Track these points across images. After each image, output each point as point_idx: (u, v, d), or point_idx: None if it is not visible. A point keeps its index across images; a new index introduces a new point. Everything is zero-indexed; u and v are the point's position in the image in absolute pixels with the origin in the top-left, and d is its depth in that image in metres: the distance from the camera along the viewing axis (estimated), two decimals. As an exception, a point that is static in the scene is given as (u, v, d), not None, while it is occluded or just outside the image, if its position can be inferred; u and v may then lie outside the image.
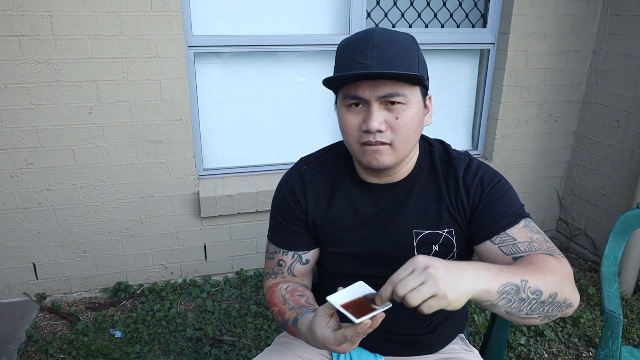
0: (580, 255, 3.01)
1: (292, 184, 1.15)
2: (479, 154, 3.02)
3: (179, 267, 2.65)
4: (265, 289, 1.20)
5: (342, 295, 0.87)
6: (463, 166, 1.08)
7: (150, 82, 2.28)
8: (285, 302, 1.10)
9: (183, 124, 2.39)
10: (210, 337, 2.27)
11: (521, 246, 1.00)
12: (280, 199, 1.16)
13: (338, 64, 1.01)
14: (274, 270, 1.18)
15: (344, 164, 1.14)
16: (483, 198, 1.04)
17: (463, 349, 1.24)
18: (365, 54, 0.95)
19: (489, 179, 1.06)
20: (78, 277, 2.52)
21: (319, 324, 0.90)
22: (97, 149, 2.31)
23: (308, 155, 1.20)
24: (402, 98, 0.96)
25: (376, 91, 0.95)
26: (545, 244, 1.00)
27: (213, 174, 2.62)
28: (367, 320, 0.81)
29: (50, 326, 2.36)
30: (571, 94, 2.92)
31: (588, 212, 2.97)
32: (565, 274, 0.91)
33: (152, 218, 2.50)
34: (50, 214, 2.36)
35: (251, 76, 2.56)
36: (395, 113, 0.97)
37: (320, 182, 1.14)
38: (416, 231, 1.08)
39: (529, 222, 1.04)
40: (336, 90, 1.04)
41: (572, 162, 3.06)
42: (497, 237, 1.02)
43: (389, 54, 0.95)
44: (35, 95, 2.16)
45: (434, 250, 1.07)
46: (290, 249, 1.16)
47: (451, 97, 2.93)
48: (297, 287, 1.15)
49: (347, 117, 1.00)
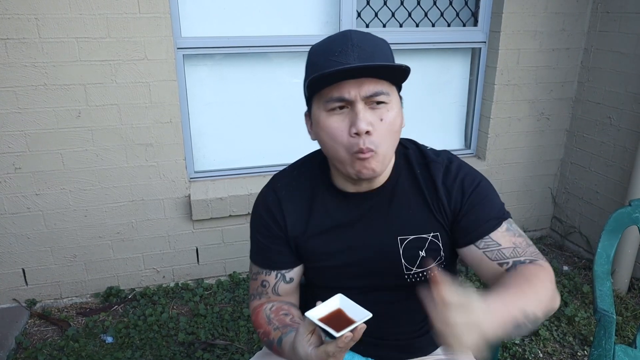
0: (575, 253, 3.00)
1: (268, 203, 1.11)
2: (472, 153, 3.01)
3: (171, 270, 2.62)
4: (251, 310, 1.17)
5: (321, 309, 0.86)
6: (442, 170, 1.05)
7: (139, 85, 2.26)
8: (270, 323, 1.06)
9: (173, 127, 2.37)
10: (202, 341, 2.25)
11: (506, 252, 0.99)
12: (258, 218, 1.12)
13: (314, 68, 0.95)
14: (258, 291, 1.15)
15: (320, 175, 1.11)
16: (465, 203, 1.03)
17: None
18: (345, 53, 0.91)
19: (470, 182, 1.04)
20: (69, 283, 2.49)
21: (300, 342, 0.88)
22: (86, 152, 2.29)
23: (281, 172, 1.16)
24: (385, 97, 0.94)
25: (361, 90, 0.92)
26: (529, 249, 1.00)
27: (204, 176, 2.60)
28: (347, 333, 0.80)
29: (41, 332, 2.33)
30: (563, 92, 2.91)
31: (582, 209, 2.96)
32: (553, 283, 0.93)
33: (142, 222, 2.48)
34: (39, 219, 2.33)
35: (242, 78, 2.55)
36: (379, 114, 0.94)
37: (296, 198, 1.10)
38: (400, 237, 1.05)
39: (511, 224, 1.03)
40: (311, 95, 0.98)
41: (565, 160, 3.06)
42: (481, 241, 1.01)
43: (369, 52, 0.93)
44: (23, 99, 2.13)
45: (420, 256, 1.05)
46: (273, 269, 1.12)
47: (443, 96, 2.92)
48: (282, 305, 1.11)
49: (331, 123, 0.95)
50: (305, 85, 0.98)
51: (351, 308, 0.86)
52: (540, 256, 1.00)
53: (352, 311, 0.85)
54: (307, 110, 1.04)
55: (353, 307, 0.86)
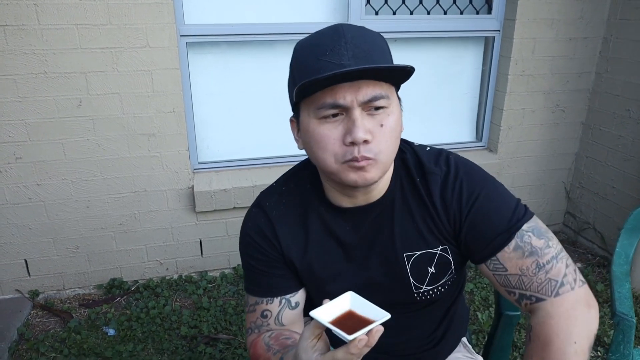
0: (589, 250, 2.92)
1: (260, 225, 0.99)
2: (483, 146, 2.92)
3: (174, 263, 2.58)
4: (248, 345, 1.04)
5: (329, 309, 0.75)
6: (439, 182, 0.93)
7: (141, 73, 2.20)
8: (269, 349, 0.95)
9: (176, 116, 2.31)
10: (205, 335, 2.21)
11: (512, 280, 0.89)
12: (250, 243, 1.00)
13: (302, 69, 0.83)
14: (257, 323, 1.01)
15: (311, 190, 0.99)
16: (465, 220, 0.92)
17: (466, 356, 1.16)
18: (338, 52, 0.80)
19: (468, 195, 0.91)
20: (71, 274, 2.46)
21: (304, 347, 0.76)
22: (88, 142, 2.24)
23: (267, 189, 1.04)
24: (385, 101, 0.82)
25: (358, 95, 0.80)
26: (538, 275, 0.87)
27: (208, 167, 2.55)
28: (361, 336, 0.69)
29: (43, 324, 2.31)
30: (580, 83, 2.81)
31: (597, 205, 2.87)
32: (579, 325, 0.84)
33: (145, 213, 2.44)
34: (41, 210, 2.30)
35: (247, 66, 2.48)
36: (379, 120, 0.83)
37: (289, 217, 0.98)
38: (407, 254, 0.95)
39: (522, 238, 0.89)
40: (298, 99, 0.85)
41: (581, 154, 2.96)
42: (490, 262, 0.91)
43: (365, 50, 0.81)
44: (22, 87, 2.09)
45: (430, 273, 0.96)
46: (275, 295, 0.99)
47: (454, 87, 2.82)
48: (283, 331, 0.99)
49: (323, 132, 0.83)
50: (292, 90, 0.85)
51: (365, 307, 0.75)
52: (555, 285, 0.86)
53: (366, 311, 0.74)
54: (294, 116, 0.91)
55: (367, 306, 0.75)
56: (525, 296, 0.89)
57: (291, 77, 0.89)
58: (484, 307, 2.39)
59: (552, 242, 0.89)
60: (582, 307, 0.85)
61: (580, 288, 0.87)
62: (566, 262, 0.88)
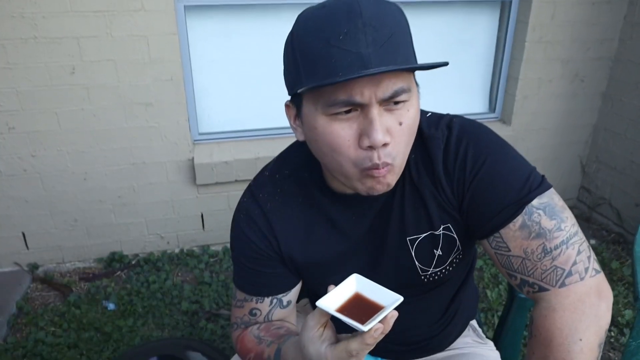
0: (603, 226, 2.82)
1: (253, 218, 0.89)
2: (497, 117, 2.79)
3: (175, 236, 2.52)
4: (234, 340, 0.97)
5: (335, 296, 0.68)
6: (441, 147, 0.82)
7: (137, 39, 2.09)
8: (260, 341, 0.88)
9: (174, 85, 2.20)
10: (206, 311, 2.16)
11: (514, 262, 0.79)
12: (242, 238, 0.90)
13: (309, 55, 0.69)
14: (245, 320, 0.95)
15: (309, 177, 0.89)
16: (468, 189, 0.81)
17: (475, 341, 1.09)
18: (354, 37, 0.66)
19: (473, 160, 0.80)
20: (70, 247, 2.41)
21: (310, 337, 0.69)
22: (83, 112, 2.15)
23: (259, 177, 0.93)
24: (406, 95, 0.71)
25: (378, 91, 0.68)
26: (543, 262, 0.77)
27: (209, 138, 2.45)
28: (377, 324, 0.63)
29: (42, 297, 2.27)
30: (601, 51, 2.65)
31: (613, 180, 2.75)
32: (583, 320, 0.74)
33: (144, 186, 2.36)
34: (36, 182, 2.23)
35: (249, 33, 2.35)
36: (398, 116, 0.72)
37: (286, 209, 0.89)
38: (410, 239, 0.87)
39: (531, 216, 0.77)
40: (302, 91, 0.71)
41: (599, 126, 2.83)
42: (493, 239, 0.81)
43: (386, 34, 0.67)
44: (12, 53, 1.98)
45: (437, 255, 0.88)
46: (266, 295, 0.92)
47: (467, 54, 2.68)
48: (273, 322, 0.93)
49: (335, 130, 0.71)
50: (294, 78, 0.73)
51: (373, 291, 0.68)
52: (560, 272, 0.76)
53: (375, 295, 0.68)
54: (292, 102, 0.79)
55: (376, 289, 0.68)
56: (528, 283, 0.79)
57: (292, 58, 0.73)
58: (493, 285, 2.31)
59: (566, 223, 0.77)
60: (592, 299, 0.75)
61: (591, 278, 0.76)
62: (578, 248, 0.77)
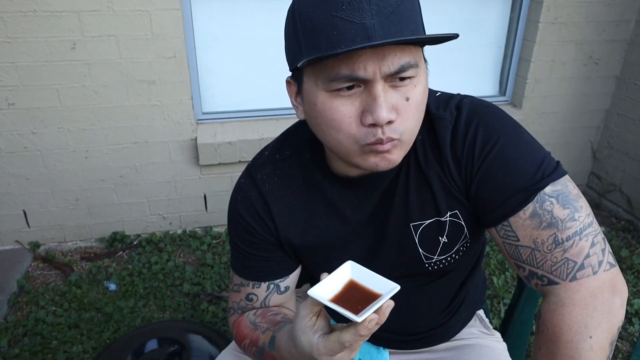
0: (613, 213, 2.76)
1: (250, 200, 0.85)
2: (507, 100, 2.73)
3: (178, 217, 2.49)
4: (230, 325, 0.94)
5: (329, 285, 0.64)
6: (449, 128, 0.77)
7: (139, 14, 2.03)
8: (256, 328, 0.85)
9: (177, 62, 2.15)
10: (208, 293, 2.14)
11: (523, 252, 0.75)
12: (239, 221, 0.87)
13: (309, 26, 0.66)
14: (241, 305, 0.92)
15: (310, 158, 0.85)
16: (476, 172, 0.76)
17: (481, 332, 1.04)
18: (358, 6, 0.62)
19: (483, 142, 0.75)
20: (72, 226, 2.38)
21: (302, 327, 0.66)
22: (84, 89, 2.10)
23: (259, 157, 0.89)
24: (413, 70, 0.67)
25: (382, 65, 0.64)
26: (554, 253, 0.72)
27: (212, 118, 2.41)
28: (372, 315, 0.59)
29: (43, 276, 2.25)
30: (617, 33, 2.57)
31: (625, 166, 2.69)
32: (595, 317, 0.70)
33: (147, 165, 2.32)
34: (37, 159, 2.19)
35: (255, 10, 2.28)
36: (405, 92, 0.68)
37: (285, 191, 0.85)
38: (414, 224, 0.83)
39: (542, 204, 0.72)
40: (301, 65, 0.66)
41: (612, 111, 2.75)
42: (501, 227, 0.76)
43: (393, 4, 0.63)
44: (11, 27, 1.93)
45: (442, 243, 0.84)
46: (263, 280, 0.89)
47: (478, 35, 2.60)
48: (270, 308, 0.90)
49: (335, 108, 0.68)
50: (294, 53, 0.70)
51: (369, 279, 0.65)
52: (572, 265, 0.71)
53: (370, 283, 0.65)
54: (293, 78, 0.76)
55: (371, 277, 0.65)
56: (537, 275, 0.74)
57: (292, 30, 0.69)
58: (499, 272, 2.28)
59: (580, 213, 0.73)
60: (605, 294, 0.70)
61: (605, 272, 0.71)
62: (592, 240, 0.72)
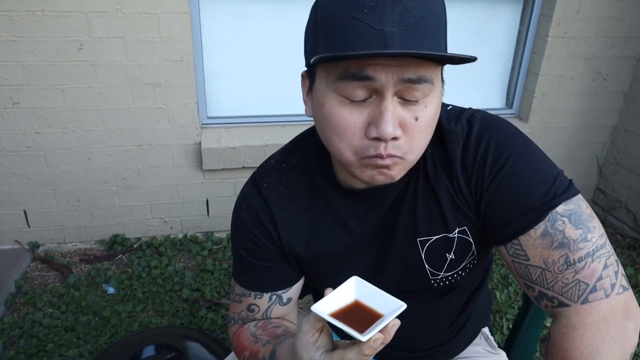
0: (618, 230, 2.74)
1: (255, 209, 0.84)
2: (513, 113, 2.71)
3: (179, 221, 2.47)
4: (231, 336, 0.92)
5: (333, 300, 0.63)
6: (460, 143, 0.75)
7: (147, 16, 2.02)
8: (257, 340, 0.83)
9: (184, 66, 2.14)
10: (207, 299, 2.11)
11: (533, 273, 0.72)
12: (242, 229, 0.85)
13: (328, 26, 0.64)
14: (242, 315, 0.90)
15: (317, 168, 0.83)
16: (487, 189, 0.74)
17: (486, 350, 1.02)
18: (380, 12, 0.60)
19: (494, 159, 0.73)
20: (72, 227, 2.36)
21: (304, 343, 0.64)
22: (89, 90, 2.09)
23: (265, 165, 0.88)
24: (428, 87, 0.64)
25: (397, 71, 0.61)
26: (564, 274, 0.69)
27: (217, 123, 2.39)
28: (377, 334, 0.58)
29: (42, 277, 2.23)
30: (626, 49, 2.55)
31: (632, 183, 2.67)
32: (616, 357, 0.67)
33: (150, 168, 2.31)
34: (40, 159, 2.18)
35: (264, 16, 2.27)
36: (415, 112, 0.65)
37: (291, 201, 0.84)
38: (421, 240, 0.81)
39: (554, 224, 0.70)
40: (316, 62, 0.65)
41: (619, 127, 2.74)
42: (511, 245, 0.74)
43: (417, 16, 0.61)
44: (19, 25, 1.92)
45: (449, 259, 0.81)
46: (265, 290, 0.87)
47: (486, 48, 2.59)
48: (271, 320, 0.88)
49: (341, 115, 0.66)
50: (311, 49, 0.70)
51: (374, 296, 0.63)
52: (583, 287, 0.69)
53: (376, 300, 0.63)
54: (307, 73, 0.75)
55: (377, 294, 0.63)
56: (546, 296, 0.72)
57: (312, 25, 0.69)
58: (502, 286, 2.25)
59: (593, 234, 0.70)
60: (618, 319, 0.68)
61: (618, 295, 0.69)
62: (605, 262, 0.70)
